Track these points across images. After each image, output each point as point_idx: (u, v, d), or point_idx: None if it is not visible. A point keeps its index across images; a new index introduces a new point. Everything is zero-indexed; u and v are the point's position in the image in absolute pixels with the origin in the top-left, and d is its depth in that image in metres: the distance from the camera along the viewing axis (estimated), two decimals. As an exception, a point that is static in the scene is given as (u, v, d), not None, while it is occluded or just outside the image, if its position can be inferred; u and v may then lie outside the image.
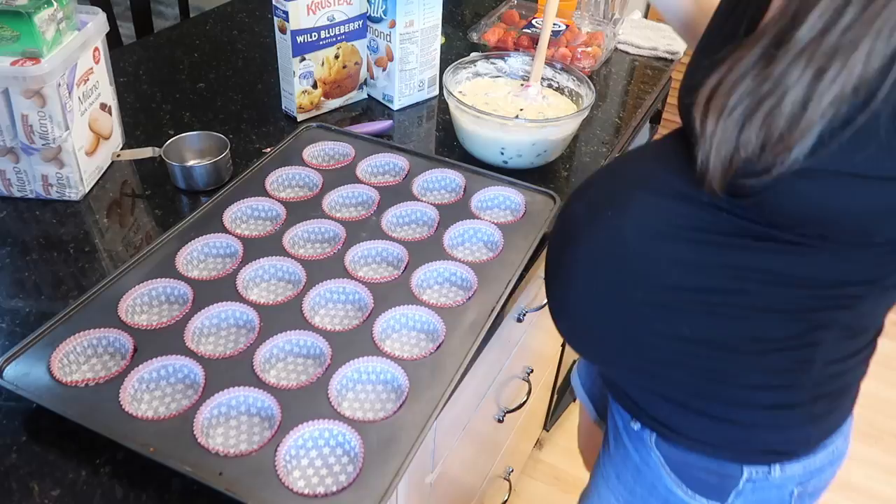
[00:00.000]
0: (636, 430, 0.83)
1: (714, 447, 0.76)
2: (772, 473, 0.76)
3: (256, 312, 0.83)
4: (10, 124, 0.95)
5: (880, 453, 1.96)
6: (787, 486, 0.78)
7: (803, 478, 0.78)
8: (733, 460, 0.76)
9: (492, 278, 0.90)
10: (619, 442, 0.87)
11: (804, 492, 0.80)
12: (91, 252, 0.96)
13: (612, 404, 0.89)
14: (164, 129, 1.21)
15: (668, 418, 0.77)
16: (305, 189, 1.06)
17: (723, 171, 0.60)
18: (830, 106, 0.53)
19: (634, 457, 0.84)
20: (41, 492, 0.68)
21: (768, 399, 0.69)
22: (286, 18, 1.14)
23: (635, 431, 0.83)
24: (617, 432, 0.88)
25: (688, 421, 0.76)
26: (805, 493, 0.80)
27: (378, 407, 0.76)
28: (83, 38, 1.00)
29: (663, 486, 0.82)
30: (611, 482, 0.90)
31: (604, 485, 0.92)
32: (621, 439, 0.87)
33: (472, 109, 1.08)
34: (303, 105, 1.25)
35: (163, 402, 0.75)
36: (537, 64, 1.17)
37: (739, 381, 0.71)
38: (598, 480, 0.94)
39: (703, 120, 0.60)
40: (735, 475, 0.77)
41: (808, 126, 0.54)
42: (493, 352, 1.02)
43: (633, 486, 0.86)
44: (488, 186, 1.06)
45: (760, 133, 0.56)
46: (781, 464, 0.76)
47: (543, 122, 1.09)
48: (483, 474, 1.35)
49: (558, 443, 1.91)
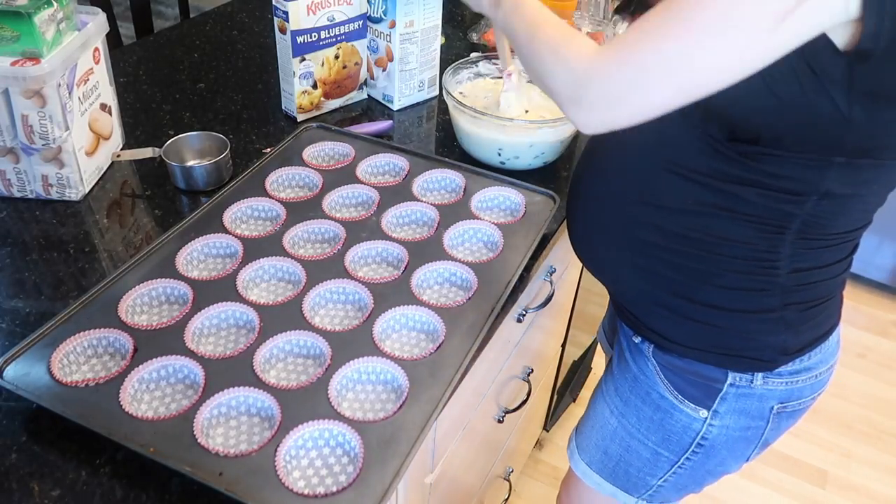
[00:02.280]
0: (636, 343, 0.91)
1: (701, 351, 0.83)
2: (754, 382, 0.83)
3: (256, 312, 0.83)
4: (10, 124, 0.95)
5: (880, 453, 1.96)
6: (769, 401, 0.85)
7: (784, 396, 0.85)
8: (718, 364, 0.83)
9: (492, 278, 0.90)
10: (622, 358, 0.95)
11: (783, 410, 0.86)
12: (91, 252, 0.96)
13: (619, 328, 0.96)
14: (164, 129, 1.21)
15: (662, 327, 0.85)
16: (305, 189, 1.06)
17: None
18: None
19: (633, 368, 0.92)
20: (41, 492, 0.68)
21: (742, 302, 0.78)
22: (286, 19, 1.14)
23: (636, 344, 0.91)
24: (621, 350, 0.95)
25: (678, 327, 0.83)
26: (784, 411, 0.87)
27: (378, 407, 0.76)
28: (83, 38, 1.00)
29: (657, 393, 0.89)
30: (608, 396, 0.98)
31: (601, 400, 1.00)
32: (623, 355, 0.94)
33: (469, 110, 1.08)
34: (303, 105, 1.25)
35: (163, 402, 0.75)
36: (501, 51, 1.14)
37: (716, 282, 0.78)
38: (595, 398, 1.03)
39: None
40: (720, 379, 0.84)
41: None
42: (493, 352, 1.02)
43: (628, 395, 0.94)
44: (488, 187, 1.06)
45: None
46: (764, 374, 0.83)
47: (540, 124, 1.09)
48: (483, 474, 1.34)
49: (558, 443, 1.91)
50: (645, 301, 0.86)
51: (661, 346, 0.87)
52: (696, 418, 0.87)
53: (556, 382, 1.69)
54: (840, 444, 1.98)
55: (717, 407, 0.86)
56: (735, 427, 0.87)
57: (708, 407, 0.86)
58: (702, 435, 0.88)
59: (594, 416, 1.01)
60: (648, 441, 0.93)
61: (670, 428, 0.90)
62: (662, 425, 0.90)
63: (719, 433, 0.88)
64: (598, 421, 1.00)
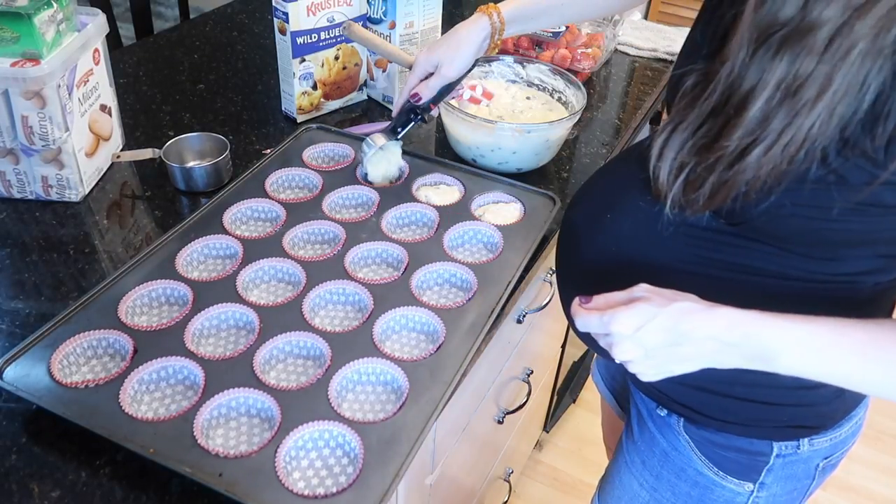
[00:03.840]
0: (662, 416, 0.83)
1: (743, 426, 0.76)
2: (801, 448, 0.77)
3: (256, 313, 0.83)
4: (10, 125, 0.95)
5: (880, 454, 1.96)
6: (814, 460, 0.79)
7: (829, 451, 0.79)
8: (763, 437, 0.77)
9: (492, 279, 0.90)
10: (644, 428, 0.87)
11: (828, 464, 0.81)
12: (91, 253, 0.96)
13: (634, 393, 0.90)
14: (164, 130, 1.21)
15: (693, 402, 0.77)
16: (305, 190, 1.06)
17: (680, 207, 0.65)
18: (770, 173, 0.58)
19: (662, 442, 0.85)
20: (41, 493, 0.68)
21: (790, 378, 0.66)
22: (286, 20, 1.14)
23: (661, 417, 0.83)
24: (641, 419, 0.88)
25: (714, 403, 0.75)
26: (829, 465, 0.81)
27: (378, 408, 0.76)
28: (83, 39, 1.00)
29: (693, 469, 0.82)
30: (635, 468, 0.90)
31: (627, 471, 0.92)
32: (646, 425, 0.87)
33: (456, 111, 1.08)
34: (303, 106, 1.25)
35: (163, 403, 0.75)
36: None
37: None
38: (619, 467, 0.94)
39: (656, 172, 0.66)
40: (766, 452, 0.78)
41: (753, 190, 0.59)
42: (493, 353, 1.02)
43: (659, 470, 0.86)
44: (488, 188, 1.06)
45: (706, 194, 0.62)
46: (810, 438, 0.77)
47: (527, 127, 1.08)
48: (483, 475, 1.34)
49: (558, 444, 1.91)
50: (670, 382, 0.73)
51: (694, 421, 0.79)
52: (741, 492, 0.81)
53: (556, 383, 1.69)
54: (840, 444, 1.97)
55: (764, 479, 0.79)
56: (782, 493, 0.81)
57: (754, 480, 0.80)
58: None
59: (620, 486, 0.93)
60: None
61: (711, 503, 0.83)
62: (702, 500, 0.84)
63: (766, 502, 0.82)
64: (625, 493, 0.93)
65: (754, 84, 0.57)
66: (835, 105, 0.54)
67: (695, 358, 0.63)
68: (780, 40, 0.55)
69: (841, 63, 0.52)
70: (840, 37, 0.52)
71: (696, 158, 0.62)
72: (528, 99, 1.22)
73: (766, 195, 0.59)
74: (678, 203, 0.64)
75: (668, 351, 0.62)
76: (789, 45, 0.54)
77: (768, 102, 0.56)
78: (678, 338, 0.61)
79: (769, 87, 0.56)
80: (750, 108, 0.57)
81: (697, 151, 0.62)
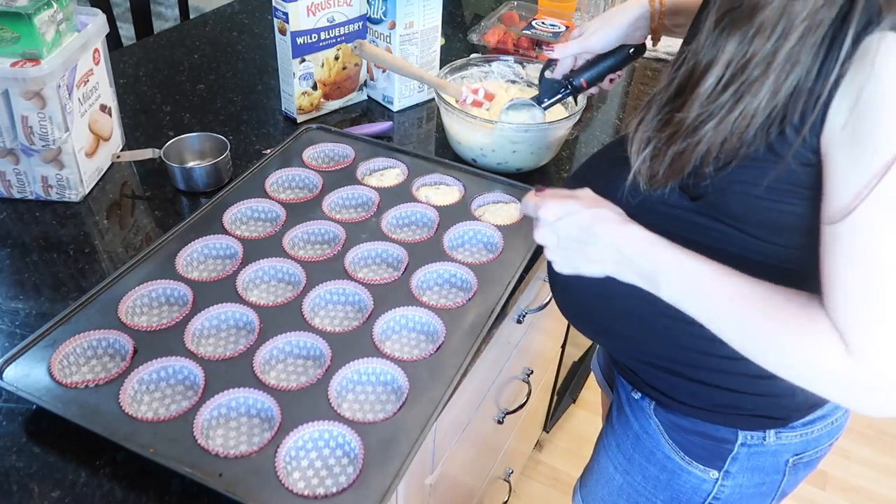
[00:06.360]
0: (637, 399, 0.86)
1: (709, 412, 0.78)
2: (767, 440, 0.79)
3: (256, 314, 0.83)
4: (10, 125, 0.95)
5: (879, 454, 1.96)
6: (783, 455, 0.80)
7: (799, 448, 0.80)
8: (728, 424, 0.78)
9: (492, 280, 0.90)
10: (622, 412, 0.89)
11: (799, 462, 0.82)
12: (91, 253, 0.96)
13: (617, 378, 0.91)
14: (164, 130, 1.21)
15: (663, 386, 0.80)
16: (305, 190, 1.06)
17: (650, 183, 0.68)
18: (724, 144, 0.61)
19: (634, 425, 0.87)
20: (41, 493, 0.68)
21: (751, 368, 0.68)
22: (286, 20, 1.14)
23: (636, 400, 0.86)
24: (620, 403, 0.90)
25: (681, 387, 0.78)
26: (801, 462, 0.82)
27: (378, 408, 0.76)
28: (83, 39, 1.00)
29: (661, 453, 0.84)
30: (610, 451, 0.92)
31: (603, 454, 0.94)
32: (623, 409, 0.89)
33: (456, 111, 1.08)
34: (303, 106, 1.25)
35: (163, 403, 0.75)
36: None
37: (718, 353, 0.71)
38: (598, 452, 0.97)
39: (630, 146, 0.68)
40: (730, 440, 0.79)
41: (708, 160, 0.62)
42: (493, 353, 1.02)
43: (631, 453, 0.88)
44: (488, 188, 1.06)
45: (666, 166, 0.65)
46: (776, 430, 0.78)
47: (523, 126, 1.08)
48: (483, 475, 1.34)
49: (558, 444, 1.91)
50: (641, 363, 0.81)
51: (663, 404, 0.82)
52: (707, 479, 0.82)
53: (556, 383, 1.69)
54: (840, 444, 1.95)
55: (729, 467, 0.81)
56: (749, 485, 0.82)
57: (718, 468, 0.81)
58: (713, 495, 0.83)
59: (598, 469, 0.96)
60: (657, 500, 0.88)
61: (678, 488, 0.85)
62: (670, 485, 0.85)
63: (732, 492, 0.83)
64: (602, 476, 0.95)
65: (710, 61, 0.60)
66: (780, 83, 0.56)
67: (598, 262, 0.69)
68: (731, 20, 0.58)
69: (783, 42, 0.55)
70: (784, 16, 0.55)
71: (659, 133, 0.65)
72: None
73: (721, 170, 0.62)
74: (645, 176, 0.67)
75: (577, 246, 0.70)
76: (738, 24, 0.57)
77: (719, 79, 0.59)
78: (588, 237, 0.68)
79: (720, 64, 0.59)
80: (703, 84, 0.60)
81: (661, 126, 0.65)
